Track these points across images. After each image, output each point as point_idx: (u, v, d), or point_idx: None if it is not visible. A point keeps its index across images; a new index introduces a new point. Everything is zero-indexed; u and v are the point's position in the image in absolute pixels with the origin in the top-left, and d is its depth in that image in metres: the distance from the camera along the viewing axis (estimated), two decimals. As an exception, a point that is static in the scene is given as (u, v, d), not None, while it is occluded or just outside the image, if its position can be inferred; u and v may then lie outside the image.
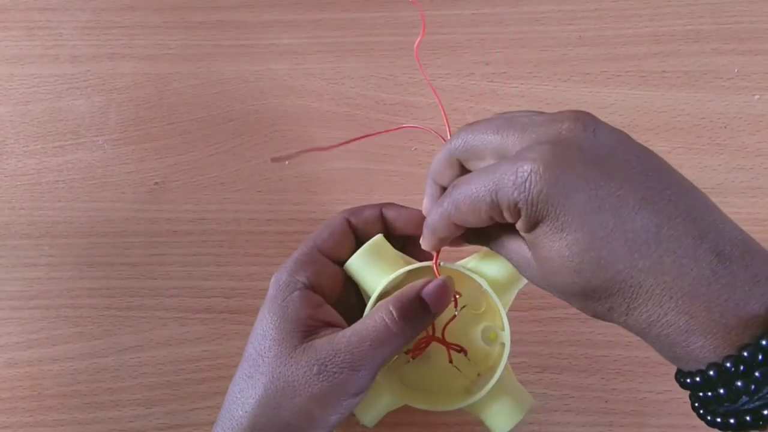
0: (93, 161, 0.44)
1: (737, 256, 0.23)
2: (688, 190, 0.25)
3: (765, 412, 0.21)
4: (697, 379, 0.23)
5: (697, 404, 0.24)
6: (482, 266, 0.32)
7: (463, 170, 0.29)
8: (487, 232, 0.28)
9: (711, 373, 0.22)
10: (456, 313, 0.32)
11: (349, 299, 0.34)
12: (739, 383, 0.22)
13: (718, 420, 0.23)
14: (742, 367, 0.22)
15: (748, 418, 0.22)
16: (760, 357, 0.21)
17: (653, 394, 0.40)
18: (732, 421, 0.22)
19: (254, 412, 0.29)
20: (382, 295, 0.31)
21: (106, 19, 0.46)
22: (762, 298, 0.22)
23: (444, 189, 0.30)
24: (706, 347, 0.23)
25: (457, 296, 0.31)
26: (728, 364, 0.22)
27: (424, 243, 0.30)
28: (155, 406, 0.40)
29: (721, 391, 0.22)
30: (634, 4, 0.45)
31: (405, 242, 0.35)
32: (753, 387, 0.22)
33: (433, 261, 0.31)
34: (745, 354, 0.22)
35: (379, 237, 0.32)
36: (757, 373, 0.21)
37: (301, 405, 0.29)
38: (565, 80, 0.44)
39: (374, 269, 0.32)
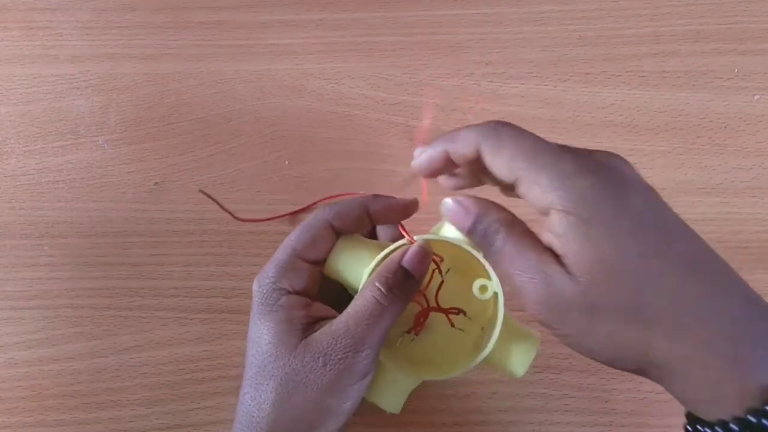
0: (93, 161, 0.44)
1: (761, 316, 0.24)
2: (711, 252, 0.26)
3: None
4: (717, 429, 0.24)
5: None
6: (450, 229, 0.32)
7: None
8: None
9: (733, 427, 0.23)
10: (443, 278, 0.32)
11: (332, 294, 0.34)
12: None
13: None
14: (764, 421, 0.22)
15: None
16: None
17: (653, 394, 0.40)
18: None
19: (272, 416, 0.30)
20: None
21: (106, 19, 0.46)
22: None
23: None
24: (730, 401, 0.24)
25: (440, 261, 0.32)
26: (752, 418, 0.23)
27: (414, 162, 0.30)
28: (155, 406, 0.40)
29: None
30: (634, 4, 0.45)
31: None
32: None
33: (404, 232, 0.32)
34: None
35: (346, 238, 0.33)
36: None
37: (314, 399, 0.30)
38: (565, 80, 0.44)
39: (353, 267, 0.32)
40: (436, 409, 0.40)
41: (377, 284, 0.30)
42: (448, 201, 0.30)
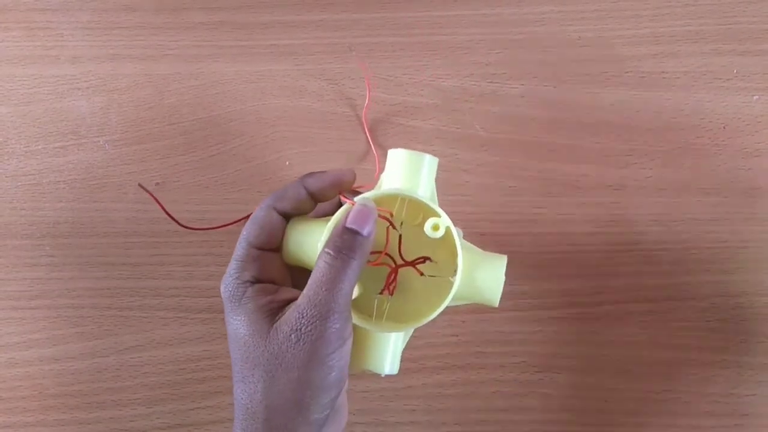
0: (94, 162, 0.44)
1: None
2: None
3: None
4: None
5: None
6: (388, 182, 0.33)
7: None
8: None
9: None
10: (399, 231, 0.33)
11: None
12: None
13: None
14: None
15: None
16: None
17: (653, 394, 0.40)
18: None
19: (263, 403, 0.31)
20: None
21: (106, 19, 0.46)
22: None
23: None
24: None
25: (390, 216, 0.32)
26: None
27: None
28: (156, 405, 0.40)
29: None
30: (634, 5, 0.45)
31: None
32: None
33: (344, 198, 0.33)
34: None
35: (294, 221, 0.34)
36: None
37: (298, 377, 0.30)
38: (565, 81, 0.44)
39: (307, 246, 0.33)
40: (436, 409, 0.40)
41: (326, 250, 0.31)
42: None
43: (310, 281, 0.31)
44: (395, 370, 0.34)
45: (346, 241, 0.31)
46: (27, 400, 0.41)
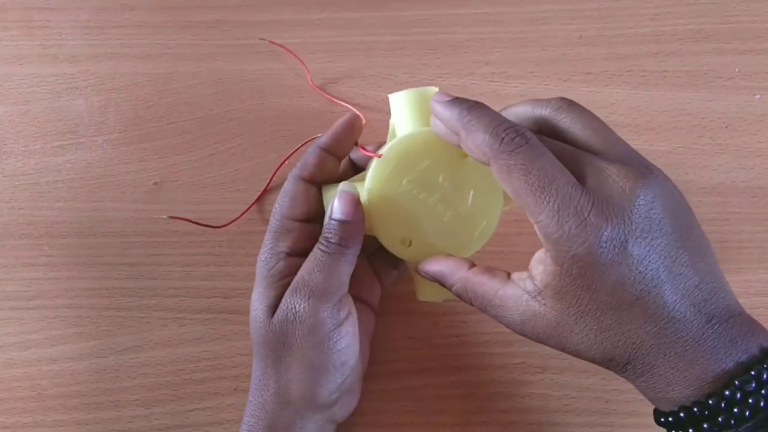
0: (92, 161, 0.44)
1: (723, 320, 0.27)
2: (704, 254, 0.28)
3: None
4: (670, 419, 0.27)
5: None
6: (402, 127, 0.33)
7: None
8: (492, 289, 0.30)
9: (682, 415, 0.27)
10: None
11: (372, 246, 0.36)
12: (705, 425, 0.26)
13: None
14: (706, 412, 0.26)
15: None
16: (722, 405, 0.25)
17: (654, 394, 0.40)
18: None
19: (273, 378, 0.32)
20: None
21: (105, 18, 0.46)
22: (734, 356, 0.26)
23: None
24: (683, 395, 0.27)
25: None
26: (695, 409, 0.26)
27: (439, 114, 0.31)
28: (155, 406, 0.40)
29: (690, 430, 0.26)
30: (635, 4, 0.45)
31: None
32: (715, 429, 0.26)
33: (364, 151, 0.34)
34: (710, 402, 0.26)
35: (326, 189, 0.35)
36: (720, 418, 0.25)
37: (300, 358, 0.32)
38: (566, 80, 0.44)
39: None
40: (436, 410, 0.40)
41: (321, 240, 0.32)
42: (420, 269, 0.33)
43: (306, 262, 0.32)
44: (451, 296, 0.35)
45: (337, 232, 0.32)
46: (25, 400, 0.41)
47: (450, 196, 0.33)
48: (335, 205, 0.32)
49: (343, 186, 0.33)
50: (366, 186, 0.33)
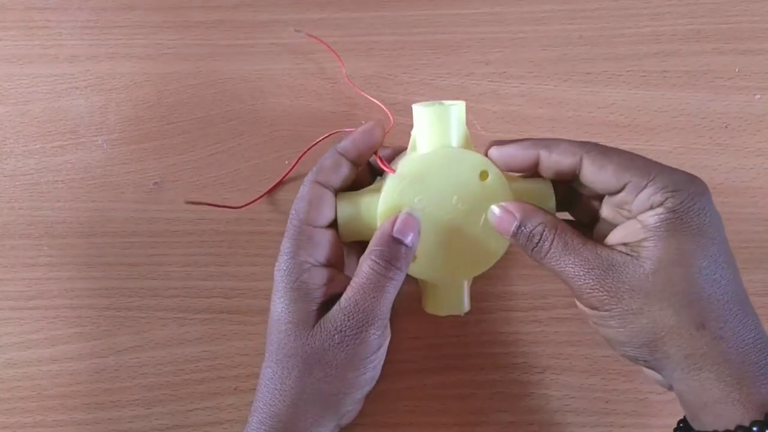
0: (92, 161, 0.44)
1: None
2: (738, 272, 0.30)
3: None
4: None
5: None
6: (418, 142, 0.34)
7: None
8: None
9: None
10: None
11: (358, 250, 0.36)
12: None
13: None
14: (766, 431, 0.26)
15: None
16: None
17: (654, 394, 0.40)
18: None
19: (295, 389, 0.32)
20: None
21: (105, 18, 0.46)
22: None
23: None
24: (736, 414, 0.27)
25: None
26: (755, 429, 0.26)
27: (496, 151, 0.33)
28: (154, 406, 0.40)
29: None
30: (635, 4, 0.45)
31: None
32: None
33: (383, 165, 0.33)
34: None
35: (340, 199, 0.34)
36: None
37: (335, 374, 0.31)
38: (566, 80, 0.44)
39: (362, 224, 0.34)
40: (436, 410, 0.40)
41: (374, 258, 0.31)
42: (494, 208, 0.32)
43: (354, 283, 0.32)
44: (468, 307, 0.36)
45: (392, 251, 0.31)
46: (25, 400, 0.41)
47: (462, 217, 0.33)
48: (398, 224, 0.32)
49: (408, 209, 0.32)
50: (380, 201, 0.33)
